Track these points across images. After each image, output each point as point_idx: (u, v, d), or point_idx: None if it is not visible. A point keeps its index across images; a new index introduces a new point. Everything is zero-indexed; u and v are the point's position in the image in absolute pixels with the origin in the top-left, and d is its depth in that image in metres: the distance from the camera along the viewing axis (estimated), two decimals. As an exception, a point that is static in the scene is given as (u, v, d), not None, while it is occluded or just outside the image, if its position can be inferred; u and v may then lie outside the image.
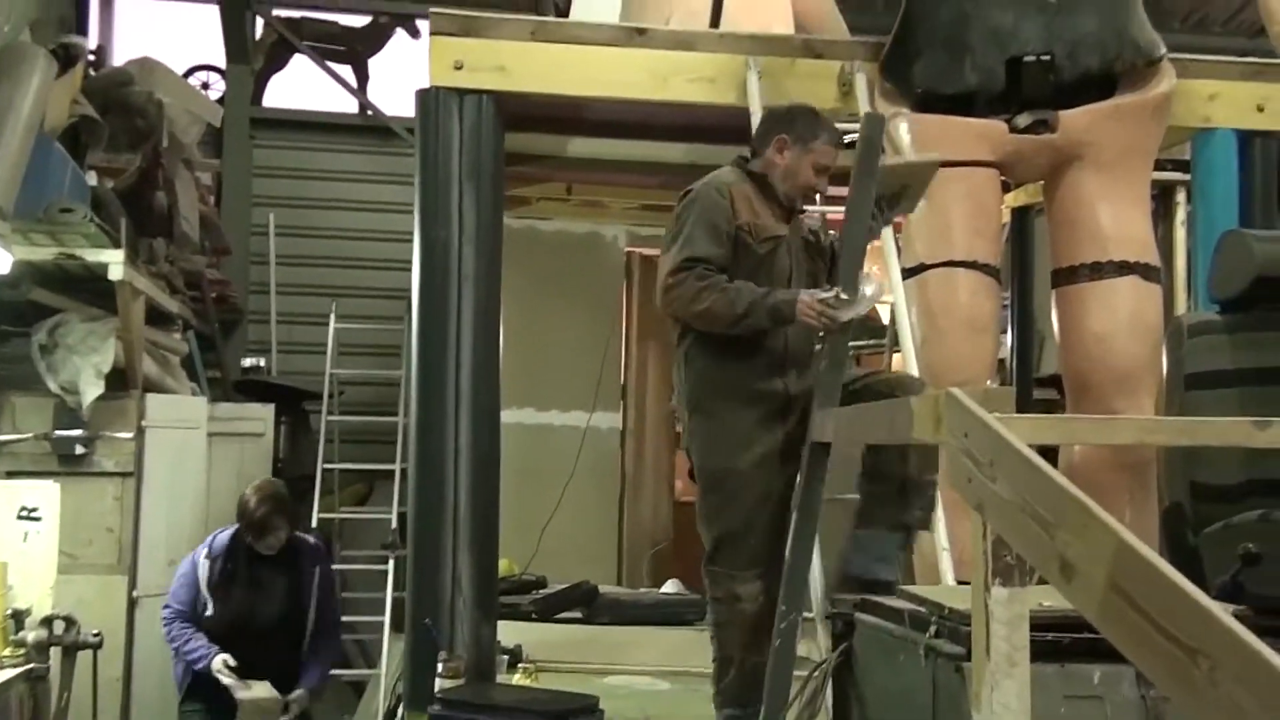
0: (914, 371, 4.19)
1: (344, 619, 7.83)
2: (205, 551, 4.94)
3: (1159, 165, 5.39)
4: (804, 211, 3.79)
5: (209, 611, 4.81)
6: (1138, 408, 4.22)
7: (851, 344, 3.97)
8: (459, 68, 4.79)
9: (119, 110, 6.80)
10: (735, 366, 3.54)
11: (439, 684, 4.33)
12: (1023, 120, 4.34)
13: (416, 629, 4.69)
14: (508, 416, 5.99)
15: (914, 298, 4.33)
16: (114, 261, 5.73)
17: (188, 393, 7.21)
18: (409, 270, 5.00)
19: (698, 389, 3.62)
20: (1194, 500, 3.31)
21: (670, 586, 7.07)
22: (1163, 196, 6.42)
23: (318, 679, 4.96)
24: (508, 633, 5.19)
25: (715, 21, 5.32)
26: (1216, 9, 11.25)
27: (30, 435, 5.87)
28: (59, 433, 5.87)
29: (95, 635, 4.76)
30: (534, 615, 6.08)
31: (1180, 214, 6.19)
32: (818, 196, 3.73)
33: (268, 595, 4.88)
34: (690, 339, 3.63)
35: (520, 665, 4.83)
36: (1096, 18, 4.29)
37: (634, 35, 4.97)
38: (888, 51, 4.60)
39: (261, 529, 4.80)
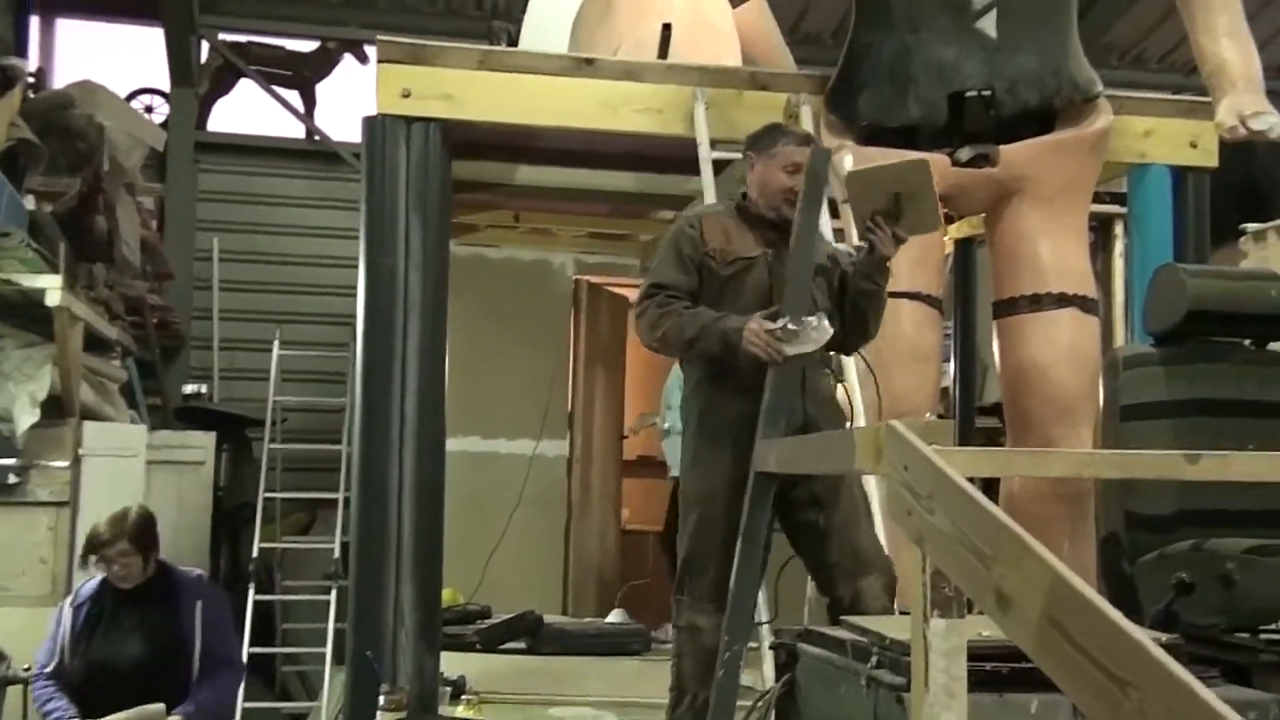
0: (859, 404, 4.22)
1: (285, 650, 7.80)
2: (71, 599, 4.44)
3: (1098, 198, 5.48)
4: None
5: (66, 662, 4.28)
6: (1076, 437, 4.28)
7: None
8: (406, 96, 4.79)
9: (59, 133, 6.72)
10: (715, 389, 3.55)
11: (381, 717, 4.28)
12: (964, 154, 4.40)
13: (358, 661, 4.64)
14: (453, 444, 5.97)
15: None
16: (51, 287, 5.65)
17: (126, 420, 7.11)
18: (354, 296, 4.98)
19: (685, 407, 3.67)
20: (1129, 530, 3.36)
21: (615, 616, 7.06)
22: (1102, 229, 6.53)
23: (194, 708, 4.21)
24: (451, 663, 5.15)
25: (663, 53, 5.35)
26: (1153, 46, 11.48)
27: (-38, 463, 5.77)
28: (-7, 461, 5.78)
29: (26, 669, 4.65)
30: (478, 646, 6.05)
31: (1119, 246, 6.29)
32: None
33: (134, 638, 4.28)
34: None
35: (464, 697, 4.79)
36: (1036, 56, 4.37)
37: (582, 65, 5.00)
38: (833, 85, 4.66)
39: (108, 560, 4.25)
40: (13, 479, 5.78)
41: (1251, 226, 6.61)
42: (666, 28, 5.30)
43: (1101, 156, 4.58)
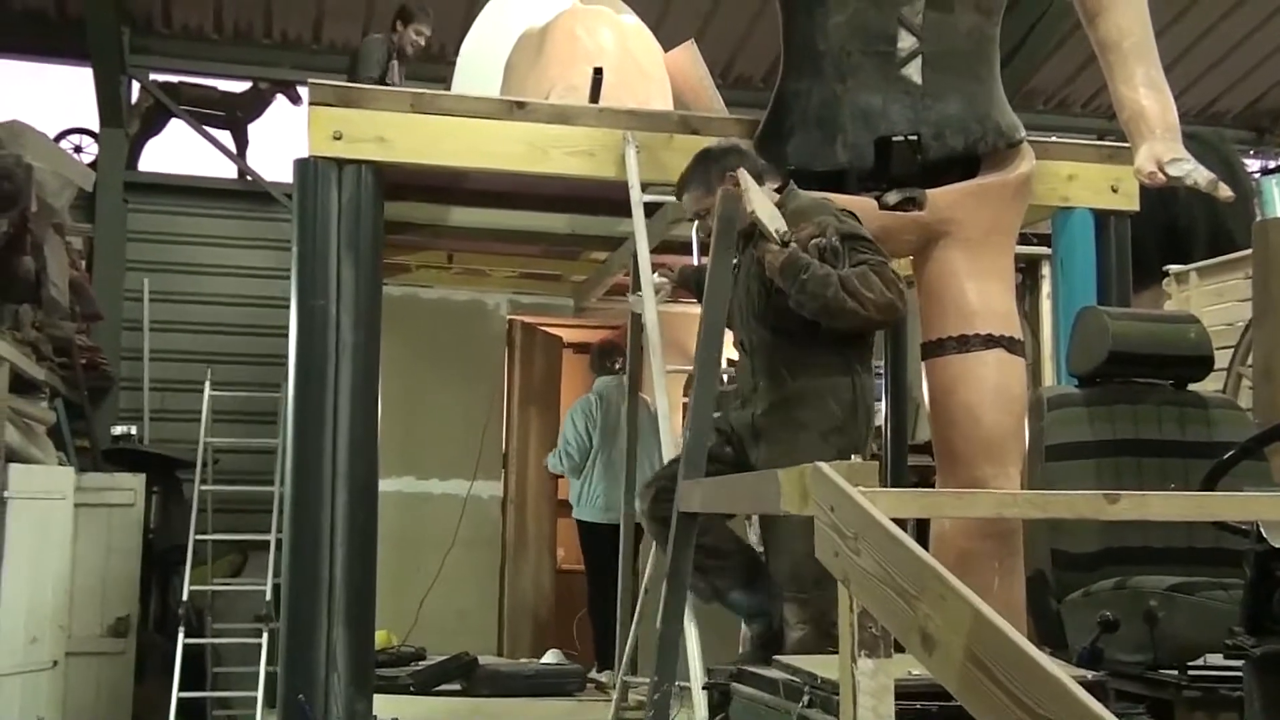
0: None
1: (216, 694, 7.67)
2: None
3: (1025, 240, 5.60)
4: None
5: None
6: (1004, 475, 4.34)
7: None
8: (338, 138, 4.78)
9: (-15, 173, 6.63)
10: None
11: (312, 762, 4.23)
12: (891, 198, 4.46)
13: (289, 704, 4.58)
14: (387, 485, 5.94)
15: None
16: (-24, 329, 5.57)
17: (54, 463, 6.99)
18: (286, 337, 4.95)
19: None
20: (1055, 568, 3.42)
21: (551, 657, 7.03)
22: (1029, 270, 6.66)
23: None
24: (384, 706, 5.10)
25: (595, 97, 5.40)
26: (1076, 92, 11.76)
27: (-117, 508, 5.64)
28: (-86, 506, 5.65)
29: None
30: (412, 688, 5.98)
31: (1046, 287, 6.42)
32: None
33: None
34: None
35: (397, 741, 4.75)
36: (960, 102, 4.45)
37: (514, 108, 5.02)
38: (762, 129, 4.72)
39: None
40: (-66, 524, 5.66)
41: (1174, 268, 6.78)
42: (598, 72, 5.35)
43: (1025, 200, 4.68)
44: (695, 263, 4.99)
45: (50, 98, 10.42)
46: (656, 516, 3.82)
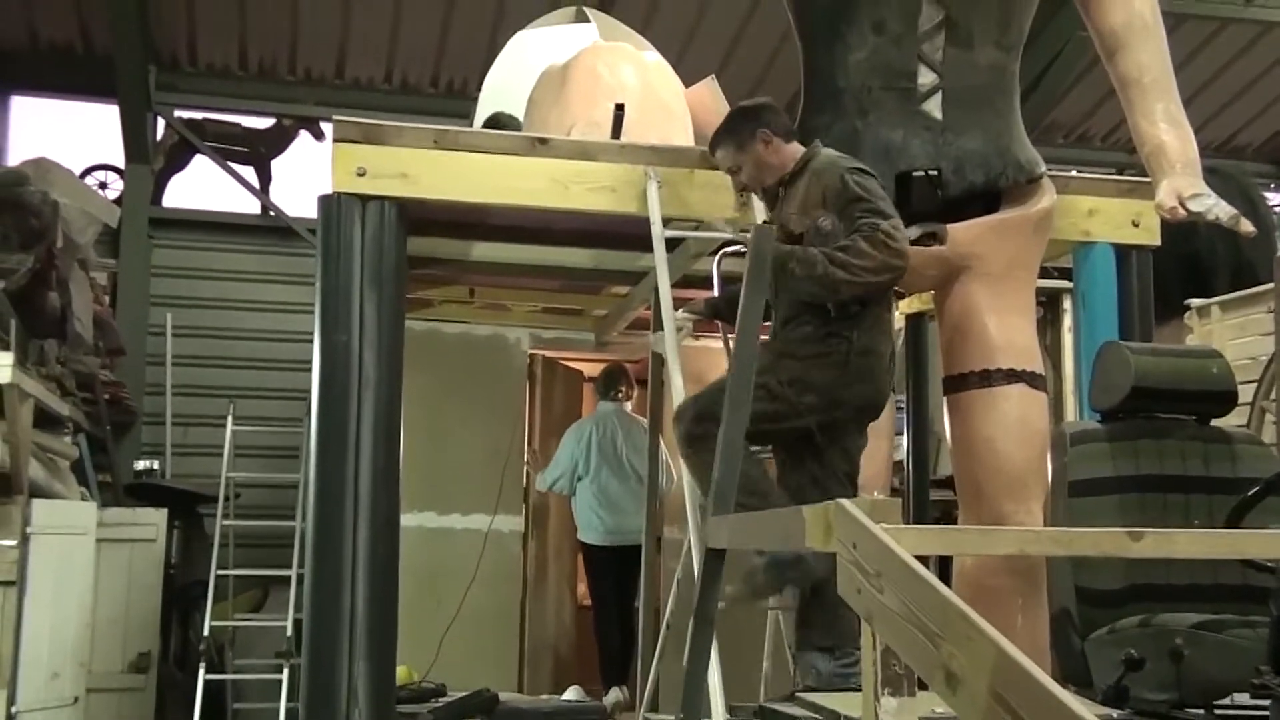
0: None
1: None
2: None
3: (1046, 273, 5.59)
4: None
5: None
6: (1027, 511, 4.32)
7: (751, 448, 4.03)
8: (362, 174, 4.82)
9: (12, 210, 6.70)
10: None
11: (332, 799, 4.22)
12: (912, 232, 4.47)
13: (310, 741, 4.57)
14: (408, 519, 5.94)
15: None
16: (2, 364, 5.61)
17: (77, 498, 7.03)
18: (308, 371, 4.97)
19: None
20: (1080, 605, 3.40)
21: (572, 693, 7.00)
22: (1050, 304, 6.64)
23: None
24: (405, 744, 5.09)
25: (616, 133, 5.43)
26: (1096, 125, 11.77)
27: (-93, 544, 5.67)
28: (-62, 540, 5.68)
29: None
30: (432, 725, 5.97)
31: (1067, 320, 6.39)
32: None
33: None
34: None
35: (417, 777, 4.73)
36: (981, 137, 4.47)
37: (536, 145, 5.05)
38: (783, 164, 4.73)
39: None
40: (-43, 559, 5.68)
41: (1195, 302, 6.76)
42: (619, 108, 5.39)
43: (1046, 235, 4.68)
44: (716, 294, 5.01)
45: (76, 134, 10.54)
46: (693, 436, 3.90)
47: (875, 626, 1.99)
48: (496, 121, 7.37)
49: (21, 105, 10.86)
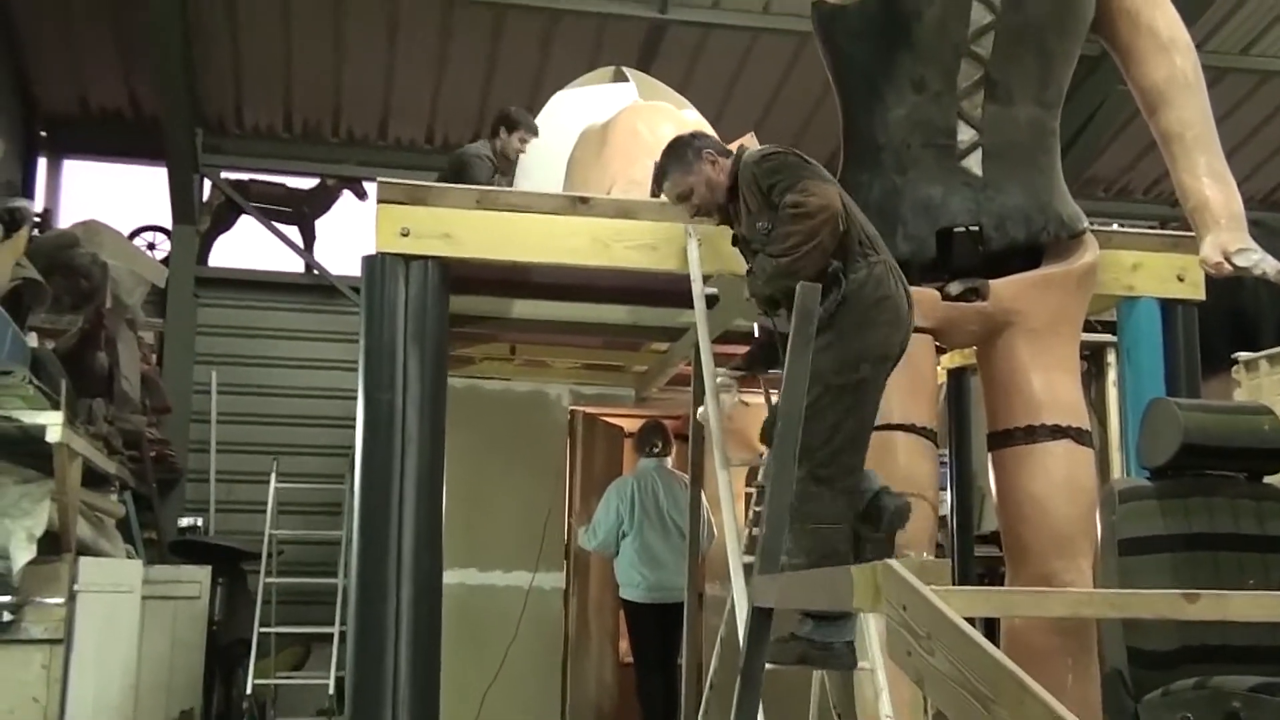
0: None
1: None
2: None
3: (1089, 327, 5.55)
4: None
5: None
6: (1076, 570, 4.26)
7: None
8: (405, 234, 4.87)
9: (63, 272, 6.82)
10: None
11: None
12: (954, 288, 4.46)
13: (353, 802, 4.55)
14: (450, 577, 5.92)
15: (854, 461, 4.38)
16: (52, 423, 5.67)
17: (122, 555, 7.08)
18: (351, 428, 5.00)
19: None
20: (1132, 666, 3.34)
21: (614, 752, 6.94)
22: (1094, 358, 6.60)
23: None
24: (447, 804, 5.05)
25: (656, 191, 5.46)
26: (1137, 178, 11.74)
27: (-44, 602, 5.71)
28: (-13, 599, 5.72)
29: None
30: (474, 785, 5.93)
31: (1112, 374, 6.34)
32: None
33: None
34: None
35: (460, 839, 4.70)
36: (1021, 193, 4.46)
37: (577, 204, 5.09)
38: (823, 221, 4.73)
39: None
40: (7, 616, 5.71)
41: (1243, 356, 6.69)
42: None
43: (1089, 290, 4.65)
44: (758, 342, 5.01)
45: (125, 196, 10.73)
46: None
47: (926, 689, 1.97)
48: (507, 116, 7.42)
49: (72, 169, 11.08)
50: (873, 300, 3.82)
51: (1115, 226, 6.30)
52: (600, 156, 6.16)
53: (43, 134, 10.73)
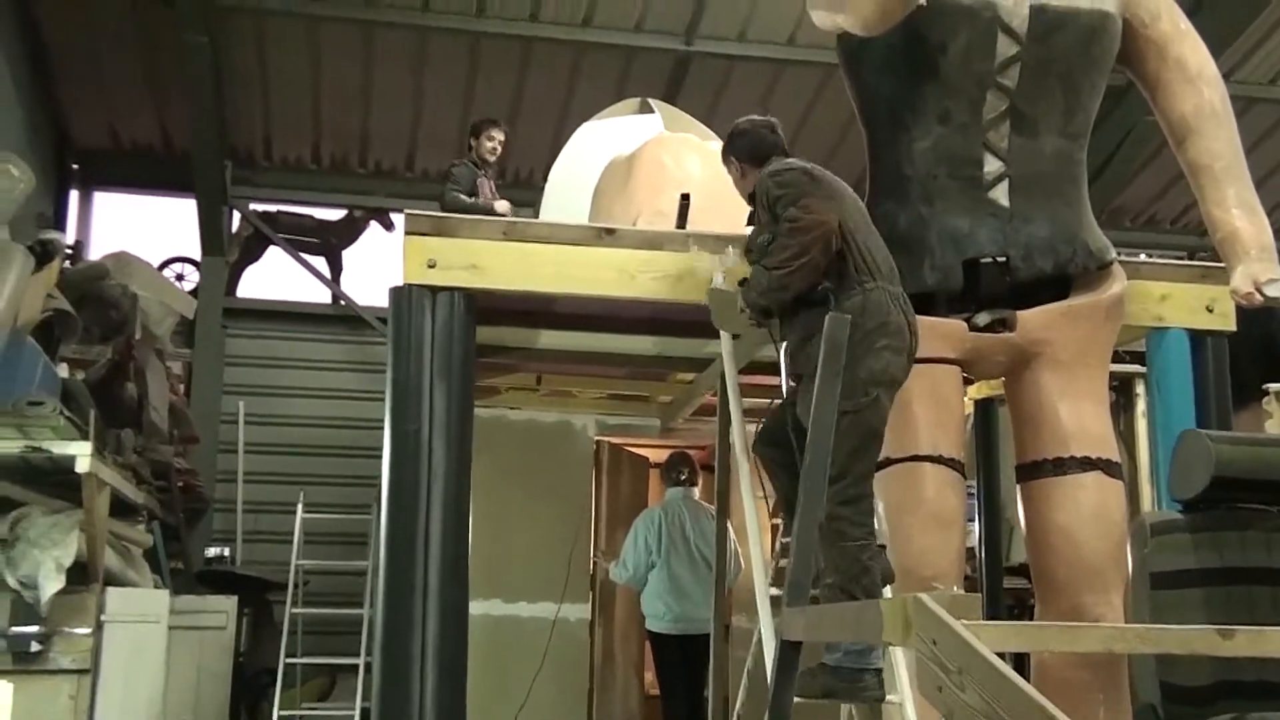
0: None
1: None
2: None
3: (1117, 358, 5.52)
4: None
5: None
6: (1106, 603, 4.22)
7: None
8: (432, 266, 4.89)
9: (93, 303, 6.88)
10: None
11: None
12: (982, 319, 4.45)
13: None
14: (475, 607, 5.91)
15: (880, 493, 4.36)
16: (81, 454, 5.70)
17: (149, 585, 7.10)
18: (378, 458, 5.01)
19: None
20: (1166, 701, 3.30)
21: (639, 785, 6.90)
22: (1122, 389, 6.56)
23: None
24: (472, 837, 5.02)
25: (682, 222, 5.48)
26: (1165, 209, 11.69)
27: (-15, 632, 5.74)
28: (15, 629, 5.74)
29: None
30: (499, 818, 5.90)
31: (1140, 405, 6.30)
32: None
33: None
34: None
35: None
36: (1049, 224, 4.45)
37: (603, 235, 5.10)
38: (849, 251, 4.73)
39: None
40: (35, 646, 5.74)
41: (1274, 386, 6.63)
42: (685, 197, 5.43)
43: (1118, 321, 4.63)
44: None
45: (155, 228, 10.83)
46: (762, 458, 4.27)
47: (957, 726, 1.95)
48: (472, 125, 8.13)
49: (103, 201, 11.20)
50: (872, 326, 3.89)
51: (1143, 257, 6.27)
52: (626, 188, 6.19)
53: (74, 167, 10.86)
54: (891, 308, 3.94)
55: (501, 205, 7.77)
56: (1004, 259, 4.42)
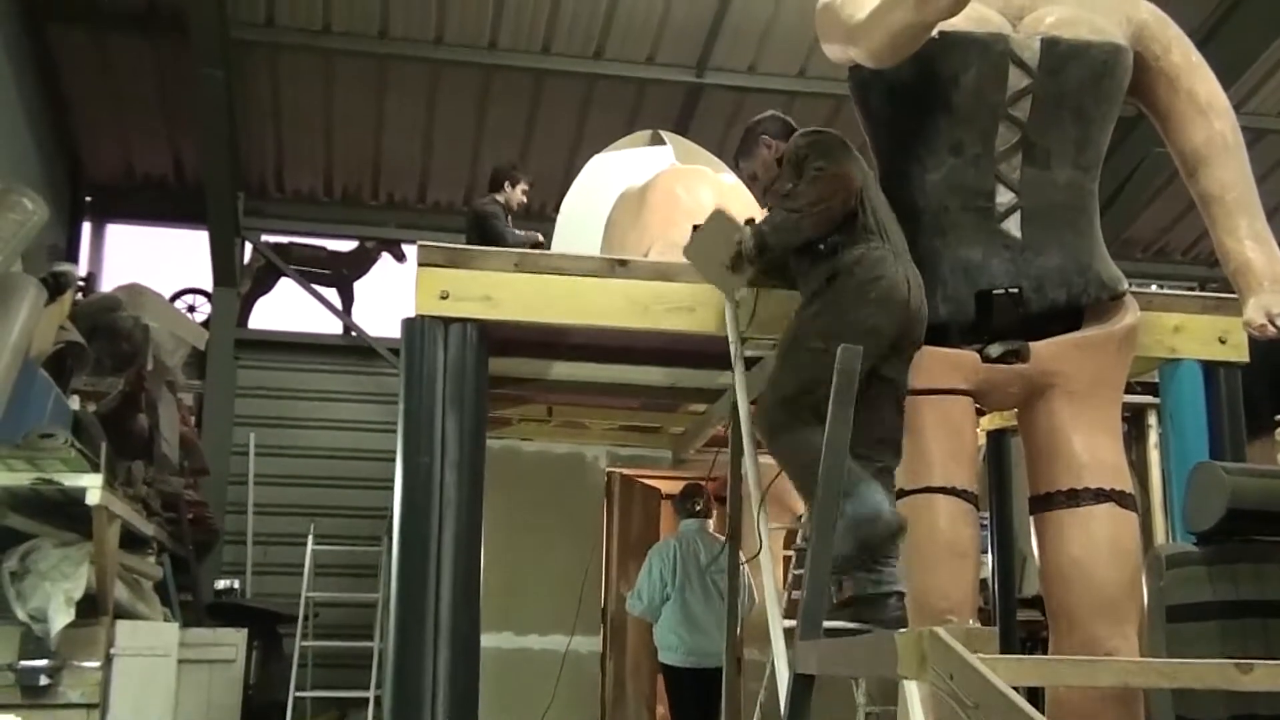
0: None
1: None
2: None
3: (1129, 388, 5.50)
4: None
5: None
6: (1122, 636, 4.19)
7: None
8: (445, 297, 4.89)
9: (105, 335, 6.90)
10: None
11: None
12: (994, 350, 4.43)
13: None
14: (486, 640, 5.88)
15: (894, 524, 4.34)
16: (92, 486, 5.71)
17: (159, 618, 7.08)
18: (389, 489, 5.00)
19: None
20: (1182, 736, 3.28)
21: (651, 820, 6.85)
22: (1135, 420, 6.53)
23: None
24: None
25: (694, 253, 5.47)
26: (1175, 240, 11.68)
27: (-6, 666, 5.73)
28: (24, 663, 5.73)
29: None
30: None
31: (1153, 436, 6.27)
32: None
33: None
34: None
35: None
36: (1060, 256, 4.44)
37: (615, 267, 5.11)
38: (861, 283, 4.73)
39: None
40: (44, 680, 5.73)
41: (1286, 417, 6.62)
42: (697, 229, 5.43)
43: (1130, 352, 4.61)
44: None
45: (167, 259, 10.88)
46: (776, 424, 4.19)
47: (974, 761, 1.94)
48: (508, 171, 8.18)
49: (115, 233, 11.25)
50: (865, 279, 4.10)
51: (1154, 287, 6.27)
52: (638, 219, 6.20)
53: (87, 199, 10.92)
54: (892, 267, 4.15)
55: (538, 236, 7.90)
56: (1016, 290, 4.40)
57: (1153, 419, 6.18)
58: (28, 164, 9.05)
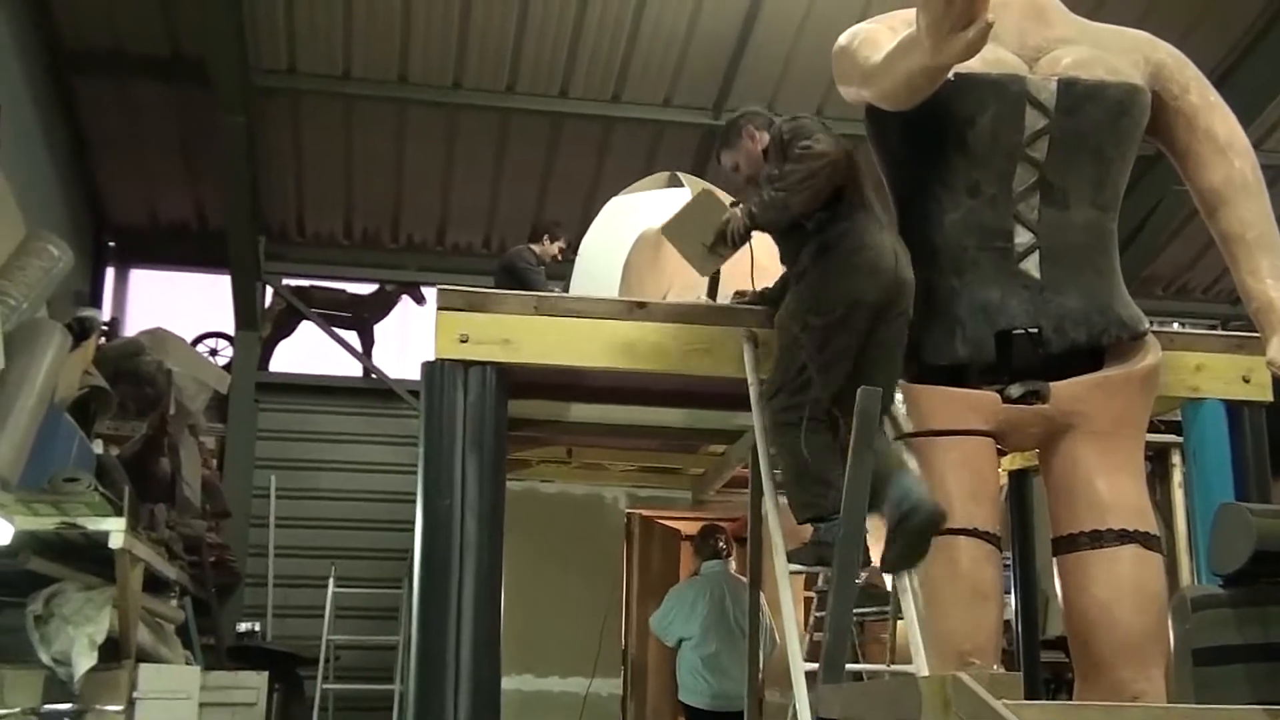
0: (919, 641, 4.17)
1: None
2: None
3: (1152, 427, 5.47)
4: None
5: None
6: (1147, 679, 4.14)
7: (855, 610, 3.95)
8: (464, 340, 4.92)
9: (129, 379, 6.95)
10: None
11: None
12: (1014, 390, 4.41)
13: None
14: (506, 683, 5.87)
15: (916, 567, 4.32)
16: (115, 530, 5.73)
17: (181, 661, 7.09)
18: (410, 531, 5.00)
19: None
20: (1211, 781, 3.23)
21: None
22: (1158, 459, 6.48)
23: None
24: None
25: (713, 294, 5.49)
26: (1197, 278, 11.64)
27: (18, 710, 5.74)
28: (48, 706, 5.75)
29: None
30: None
31: (1177, 476, 6.22)
32: None
33: None
34: None
35: None
36: (1080, 296, 4.43)
37: (634, 309, 5.12)
38: (879, 323, 4.73)
39: None
40: (66, 725, 5.73)
41: (1312, 457, 6.55)
42: (716, 270, 5.45)
43: (1152, 392, 4.58)
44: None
45: (190, 304, 10.96)
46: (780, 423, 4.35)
47: (1000, 809, 1.92)
48: (552, 225, 8.28)
49: (139, 278, 11.34)
50: (852, 248, 4.22)
51: (1175, 326, 6.25)
52: (656, 261, 6.22)
53: (111, 244, 11.02)
54: (876, 236, 4.26)
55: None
56: (1036, 330, 4.40)
57: (1177, 458, 6.13)
58: (53, 210, 9.15)
